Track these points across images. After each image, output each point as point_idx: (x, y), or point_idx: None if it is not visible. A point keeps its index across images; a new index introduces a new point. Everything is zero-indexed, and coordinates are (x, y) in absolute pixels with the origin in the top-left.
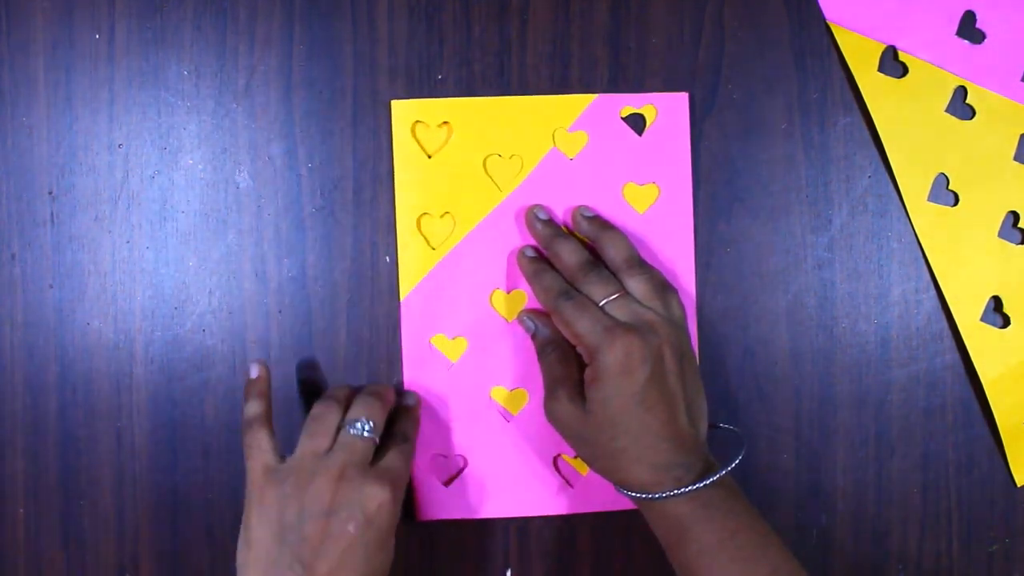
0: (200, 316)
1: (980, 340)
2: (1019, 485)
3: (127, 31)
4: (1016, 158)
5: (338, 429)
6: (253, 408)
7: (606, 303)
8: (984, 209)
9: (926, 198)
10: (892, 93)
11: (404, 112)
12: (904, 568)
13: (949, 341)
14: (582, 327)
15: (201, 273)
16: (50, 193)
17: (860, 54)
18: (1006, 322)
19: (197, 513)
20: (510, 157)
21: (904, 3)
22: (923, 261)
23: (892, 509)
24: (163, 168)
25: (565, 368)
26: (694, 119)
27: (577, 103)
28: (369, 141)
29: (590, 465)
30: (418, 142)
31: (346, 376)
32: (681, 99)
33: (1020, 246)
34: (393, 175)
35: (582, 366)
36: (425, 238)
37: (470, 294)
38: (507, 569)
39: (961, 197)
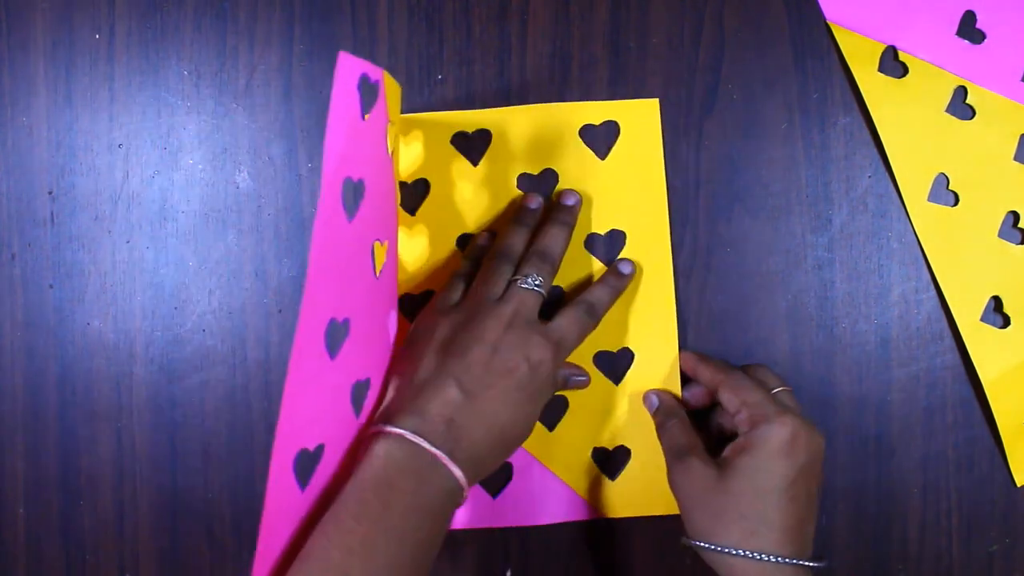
0: (200, 316)
1: (980, 340)
2: (1019, 485)
3: (127, 31)
4: (1016, 158)
5: (510, 282)
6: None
7: (780, 390)
8: (984, 209)
9: (926, 198)
10: (892, 93)
11: None
12: (904, 568)
13: (949, 341)
14: (753, 397)
15: (201, 273)
16: (50, 193)
17: (860, 54)
18: (1006, 322)
19: (197, 513)
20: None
21: (904, 3)
22: (923, 261)
23: (892, 509)
24: (163, 168)
25: (689, 436)
26: (692, 119)
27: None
28: None
29: (705, 532)
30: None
31: None
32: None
33: (1020, 246)
34: None
35: (701, 437)
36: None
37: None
38: (507, 569)
39: (961, 197)
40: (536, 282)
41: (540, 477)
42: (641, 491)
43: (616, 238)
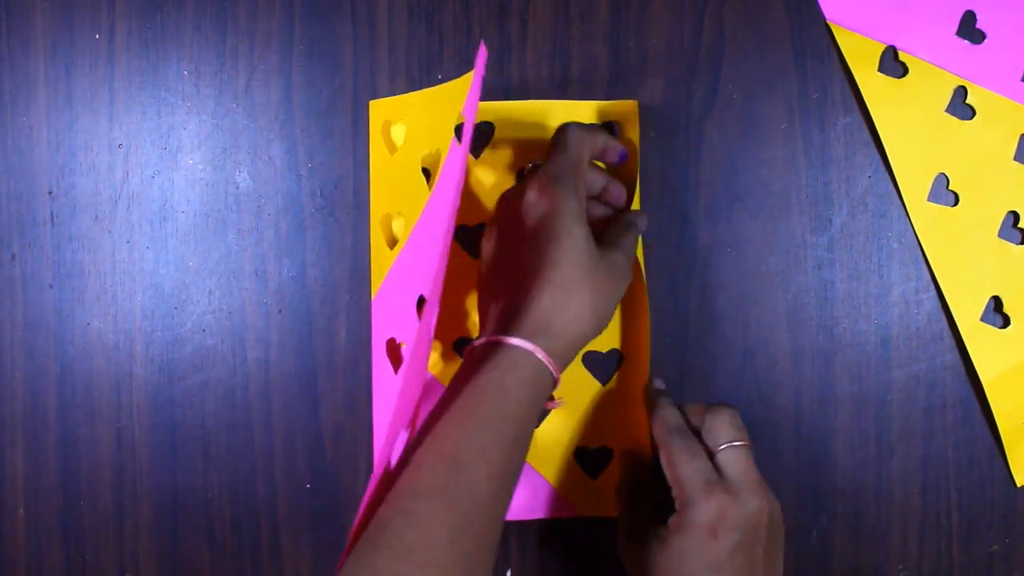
0: (200, 316)
1: (980, 340)
2: (1019, 485)
3: (127, 31)
4: (1016, 158)
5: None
6: None
7: (726, 448)
8: (984, 209)
9: (926, 198)
10: (892, 93)
11: (379, 112)
12: (904, 568)
13: (949, 341)
14: (684, 472)
15: (201, 273)
16: (50, 193)
17: (860, 54)
18: (1006, 322)
19: (197, 513)
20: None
21: (904, 3)
22: (923, 261)
23: (892, 509)
24: (163, 168)
25: (639, 510)
26: (692, 119)
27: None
28: (369, 141)
29: None
30: (384, 141)
31: (346, 376)
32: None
33: (1020, 246)
34: None
35: (654, 508)
36: (385, 238)
37: (406, 298)
38: (507, 569)
39: (961, 197)
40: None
41: (523, 473)
42: None
43: None
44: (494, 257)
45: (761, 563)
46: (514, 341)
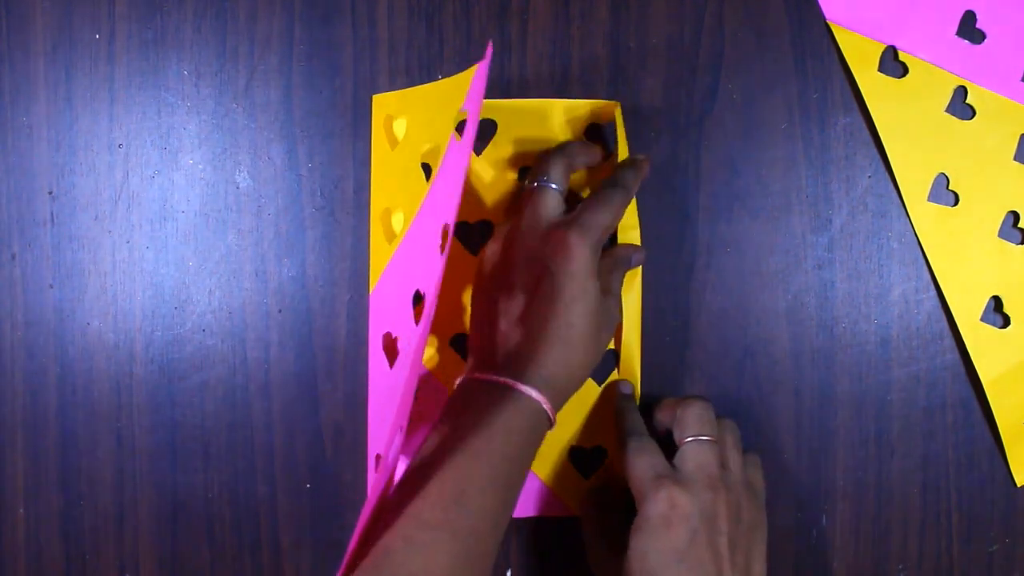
0: (200, 316)
1: (980, 340)
2: (1019, 485)
3: (127, 31)
4: (1016, 158)
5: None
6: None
7: (690, 441)
8: (984, 209)
9: (926, 198)
10: (892, 93)
11: (381, 106)
12: (904, 568)
13: (949, 341)
14: (636, 471)
15: (201, 273)
16: (50, 193)
17: (860, 54)
18: (1006, 322)
19: (197, 513)
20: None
21: (904, 3)
22: (923, 261)
23: (892, 509)
24: (163, 168)
25: (606, 519)
26: (692, 119)
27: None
28: (369, 141)
29: None
30: (386, 135)
31: (346, 376)
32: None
33: (1020, 246)
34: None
35: (622, 517)
36: (385, 232)
37: (402, 293)
38: (507, 569)
39: (961, 197)
40: (545, 178)
41: None
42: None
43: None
44: (500, 259)
45: (727, 555)
46: (526, 390)
